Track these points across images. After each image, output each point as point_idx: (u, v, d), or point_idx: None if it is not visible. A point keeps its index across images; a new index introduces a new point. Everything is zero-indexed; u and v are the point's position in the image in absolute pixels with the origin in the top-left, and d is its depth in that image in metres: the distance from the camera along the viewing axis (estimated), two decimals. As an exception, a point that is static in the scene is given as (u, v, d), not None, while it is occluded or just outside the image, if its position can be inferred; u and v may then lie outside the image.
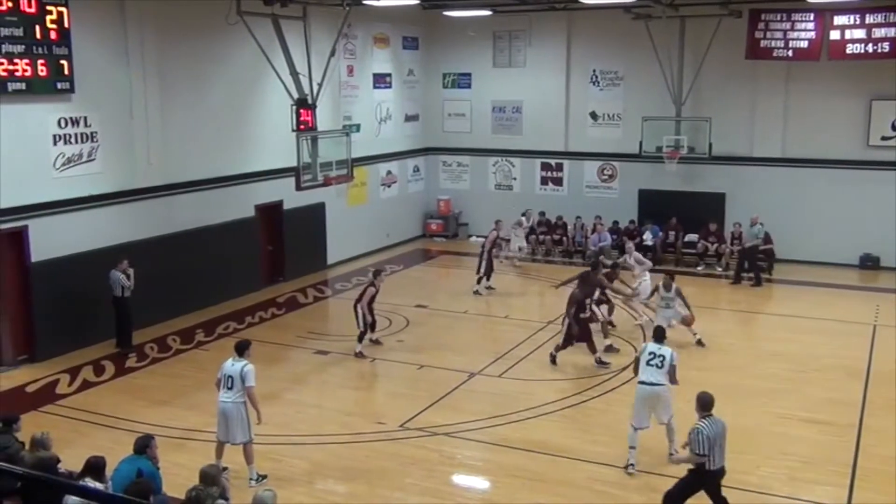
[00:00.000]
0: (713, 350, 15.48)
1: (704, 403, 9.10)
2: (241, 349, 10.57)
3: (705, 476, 8.97)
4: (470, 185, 25.73)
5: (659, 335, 11.03)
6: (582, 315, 14.30)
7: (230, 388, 10.31)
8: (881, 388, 13.40)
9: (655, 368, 10.58)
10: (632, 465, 10.67)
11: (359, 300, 15.38)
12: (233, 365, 10.37)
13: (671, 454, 10.75)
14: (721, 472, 9.04)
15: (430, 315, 17.72)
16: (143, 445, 8.82)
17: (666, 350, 10.70)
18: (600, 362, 14.40)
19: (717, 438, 8.84)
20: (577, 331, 14.19)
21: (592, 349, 14.38)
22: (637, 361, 10.96)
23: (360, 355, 15.07)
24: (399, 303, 17.92)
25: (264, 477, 10.39)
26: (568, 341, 14.32)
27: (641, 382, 10.69)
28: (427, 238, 25.59)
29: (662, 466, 10.73)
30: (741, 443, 11.47)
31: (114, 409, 12.78)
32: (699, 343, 15.41)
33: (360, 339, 15.22)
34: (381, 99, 23.67)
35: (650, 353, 10.68)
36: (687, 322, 15.31)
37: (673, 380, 10.62)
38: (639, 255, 17.93)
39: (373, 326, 15.58)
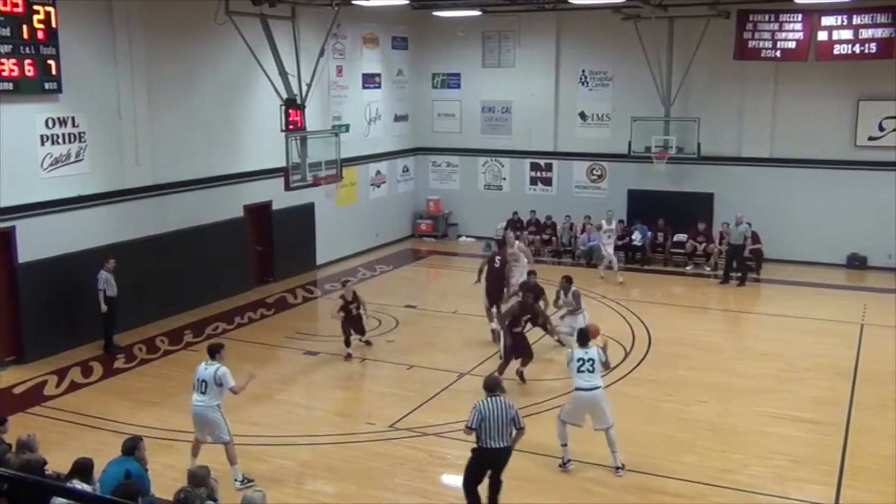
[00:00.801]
0: (702, 350, 15.54)
1: (486, 384, 9.45)
2: (213, 352, 10.46)
3: (480, 454, 9.17)
4: (459, 185, 25.74)
5: (582, 339, 10.78)
6: (516, 329, 13.57)
7: (203, 393, 10.27)
8: (868, 386, 13.48)
9: (587, 373, 10.46)
10: (568, 461, 10.74)
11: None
12: (205, 369, 10.30)
13: (617, 468, 10.63)
14: (497, 454, 9.14)
15: (420, 315, 17.71)
16: (132, 447, 8.79)
17: (592, 352, 10.55)
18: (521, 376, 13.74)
19: (490, 417, 9.01)
20: (511, 343, 13.50)
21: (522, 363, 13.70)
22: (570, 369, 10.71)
23: (348, 357, 15.04)
24: (388, 303, 17.91)
25: (251, 480, 10.34)
26: (507, 356, 13.59)
27: (579, 389, 10.55)
28: (416, 238, 25.59)
29: (654, 466, 10.75)
30: (730, 442, 11.56)
31: (102, 410, 12.73)
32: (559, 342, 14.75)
33: (347, 343, 15.16)
34: (370, 99, 23.65)
35: (579, 360, 10.52)
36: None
37: (607, 366, 10.88)
38: (525, 249, 17.38)
39: (356, 330, 15.32)
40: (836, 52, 19.93)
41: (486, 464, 9.27)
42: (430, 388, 13.55)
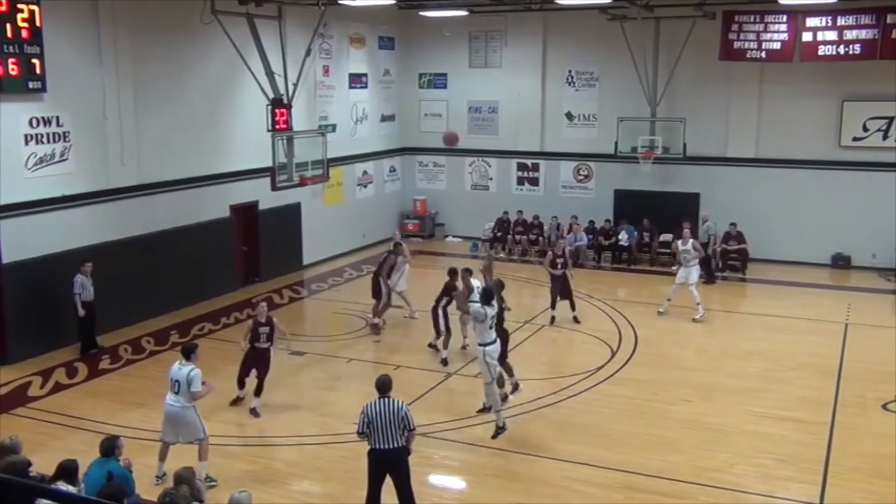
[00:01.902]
0: (688, 349, 15.61)
1: (377, 385, 9.26)
2: (188, 353, 10.40)
3: (371, 455, 9.08)
4: (446, 185, 25.75)
5: (487, 298, 11.68)
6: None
7: (177, 393, 10.23)
8: (853, 385, 13.57)
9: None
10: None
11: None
12: (179, 369, 10.26)
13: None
14: (388, 456, 9.00)
15: (410, 318, 17.67)
16: (110, 447, 8.68)
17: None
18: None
19: (377, 419, 8.91)
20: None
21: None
22: None
23: (236, 401, 13.07)
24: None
25: (214, 481, 10.26)
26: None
27: (493, 342, 11.64)
28: (404, 238, 25.49)
29: (640, 465, 10.78)
30: (715, 441, 11.60)
31: (87, 411, 12.65)
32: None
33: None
34: (356, 99, 23.62)
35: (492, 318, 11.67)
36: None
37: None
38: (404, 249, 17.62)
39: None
40: (820, 52, 20.06)
41: (380, 466, 9.08)
42: (417, 389, 13.53)
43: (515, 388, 12.64)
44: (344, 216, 23.04)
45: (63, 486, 7.63)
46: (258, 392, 12.69)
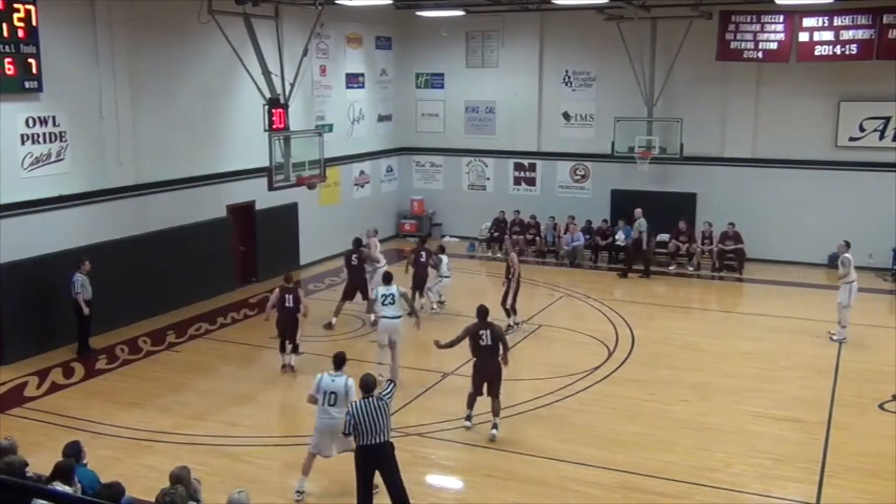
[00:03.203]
0: (685, 349, 15.61)
1: (361, 384, 9.40)
2: (340, 362, 10.26)
3: (360, 452, 9.17)
4: (443, 185, 25.75)
5: (387, 279, 13.94)
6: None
7: (333, 405, 10.00)
8: (849, 385, 13.59)
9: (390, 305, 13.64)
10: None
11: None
12: (333, 380, 10.06)
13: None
14: (376, 449, 9.09)
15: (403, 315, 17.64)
16: (75, 455, 8.43)
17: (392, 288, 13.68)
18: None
19: (363, 419, 9.02)
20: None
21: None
22: None
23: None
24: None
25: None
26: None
27: (384, 317, 13.54)
28: (400, 238, 25.56)
29: (637, 465, 10.79)
30: (712, 441, 11.61)
31: (83, 411, 12.62)
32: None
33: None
34: (353, 99, 23.61)
35: (383, 296, 13.62)
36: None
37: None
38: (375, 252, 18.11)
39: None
40: (817, 53, 20.08)
41: (369, 462, 9.21)
42: (414, 389, 13.53)
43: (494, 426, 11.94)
44: (341, 216, 23.01)
45: (59, 486, 7.61)
46: (294, 350, 14.37)
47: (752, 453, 11.25)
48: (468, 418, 11.97)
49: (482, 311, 11.86)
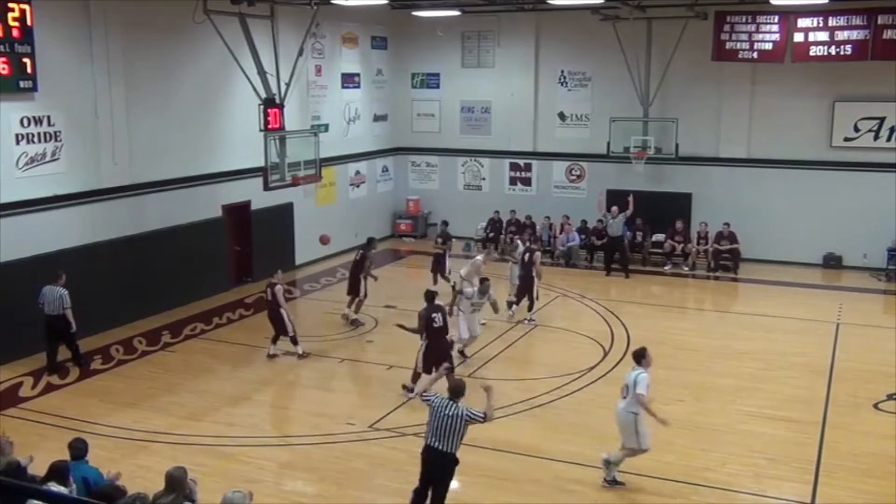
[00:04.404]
0: (680, 349, 15.61)
1: (451, 387, 9.33)
2: (640, 357, 10.49)
3: (424, 453, 9.13)
4: (439, 185, 25.75)
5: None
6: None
7: (624, 397, 10.32)
8: (844, 385, 13.62)
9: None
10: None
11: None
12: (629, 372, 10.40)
13: None
14: (437, 455, 8.96)
15: (400, 315, 17.58)
16: (82, 449, 8.51)
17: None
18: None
19: (436, 415, 8.98)
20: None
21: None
22: None
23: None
24: (368, 303, 17.82)
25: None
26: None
27: None
28: (396, 238, 25.57)
29: (632, 465, 10.78)
30: (708, 440, 11.64)
31: (79, 412, 12.60)
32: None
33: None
34: (349, 99, 23.60)
35: None
36: None
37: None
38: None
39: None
40: (812, 53, 20.11)
41: (427, 463, 9.07)
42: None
43: None
44: (336, 216, 22.99)
45: (55, 486, 7.60)
46: (293, 342, 14.89)
47: (747, 453, 11.27)
48: (410, 390, 12.87)
49: (430, 295, 13.12)
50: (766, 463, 11.02)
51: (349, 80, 23.53)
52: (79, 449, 8.54)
